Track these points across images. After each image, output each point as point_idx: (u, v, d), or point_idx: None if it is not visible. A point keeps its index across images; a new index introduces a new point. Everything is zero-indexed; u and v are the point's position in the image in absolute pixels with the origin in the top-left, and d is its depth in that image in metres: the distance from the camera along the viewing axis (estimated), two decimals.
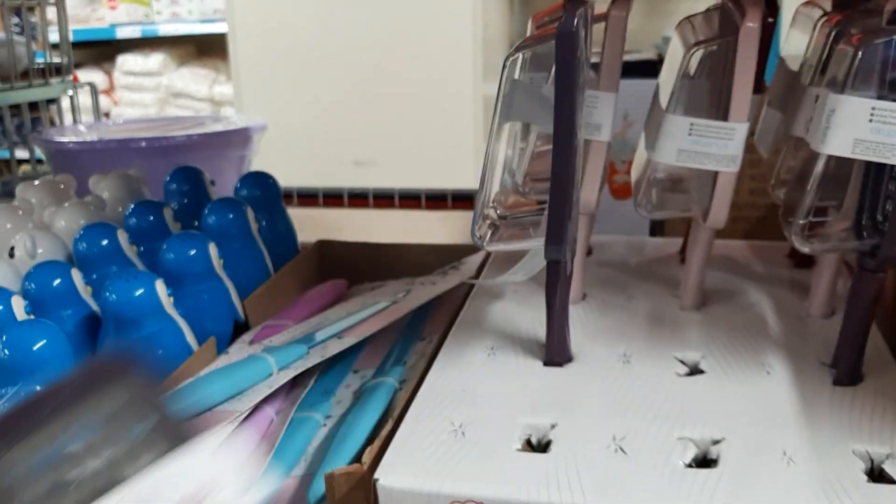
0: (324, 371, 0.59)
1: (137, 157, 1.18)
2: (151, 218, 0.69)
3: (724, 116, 0.47)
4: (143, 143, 1.20)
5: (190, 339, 0.57)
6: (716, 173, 0.48)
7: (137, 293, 0.53)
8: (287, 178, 1.60)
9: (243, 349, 0.60)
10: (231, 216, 0.67)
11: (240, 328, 0.64)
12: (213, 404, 0.49)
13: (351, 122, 1.95)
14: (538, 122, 0.46)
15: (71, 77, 1.54)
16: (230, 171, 1.30)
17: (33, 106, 1.38)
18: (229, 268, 0.65)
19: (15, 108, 1.39)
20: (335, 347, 0.55)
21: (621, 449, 0.39)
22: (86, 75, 2.71)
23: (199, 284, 0.61)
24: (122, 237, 0.63)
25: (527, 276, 0.50)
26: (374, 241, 0.78)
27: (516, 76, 0.43)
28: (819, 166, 0.42)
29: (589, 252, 0.65)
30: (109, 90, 2.84)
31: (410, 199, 1.58)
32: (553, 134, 0.38)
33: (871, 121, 0.39)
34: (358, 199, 1.44)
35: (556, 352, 0.47)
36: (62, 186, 0.79)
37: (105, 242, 0.63)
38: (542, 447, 0.41)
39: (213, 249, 0.61)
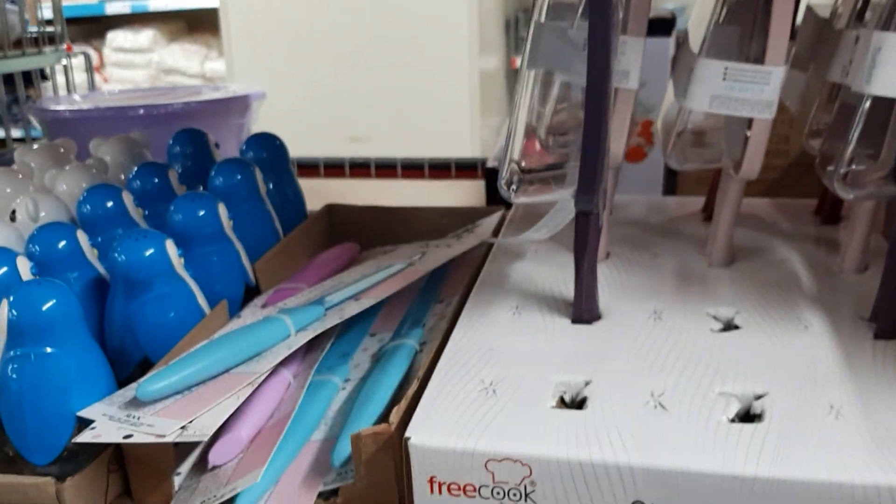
0: (340, 334, 0.58)
1: (135, 125, 1.15)
2: (156, 180, 0.67)
3: (756, 62, 0.45)
4: (141, 111, 1.17)
5: (202, 301, 0.55)
6: (750, 121, 0.46)
7: (147, 253, 0.51)
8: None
9: (256, 313, 0.58)
10: (239, 177, 0.65)
11: (251, 292, 0.63)
12: (230, 366, 0.48)
13: (346, 98, 1.93)
14: (564, 69, 0.44)
15: (65, 46, 1.51)
16: (229, 140, 1.28)
17: (27, 81, 1.36)
18: (238, 231, 0.63)
19: (9, 84, 1.36)
20: (353, 309, 0.53)
21: (661, 405, 0.38)
22: (74, 53, 2.66)
23: (208, 246, 0.59)
24: (128, 199, 0.61)
25: (550, 234, 0.48)
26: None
27: (540, 18, 0.41)
28: (863, 108, 0.40)
29: (611, 211, 0.63)
30: (100, 67, 2.80)
31: (413, 169, 1.55)
32: (587, 75, 0.36)
33: None
34: (359, 169, 1.42)
35: (584, 309, 0.45)
36: (62, 150, 0.77)
37: (110, 204, 0.61)
38: (578, 404, 0.39)
39: (222, 210, 0.59)
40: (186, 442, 0.43)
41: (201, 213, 0.58)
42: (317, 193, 1.25)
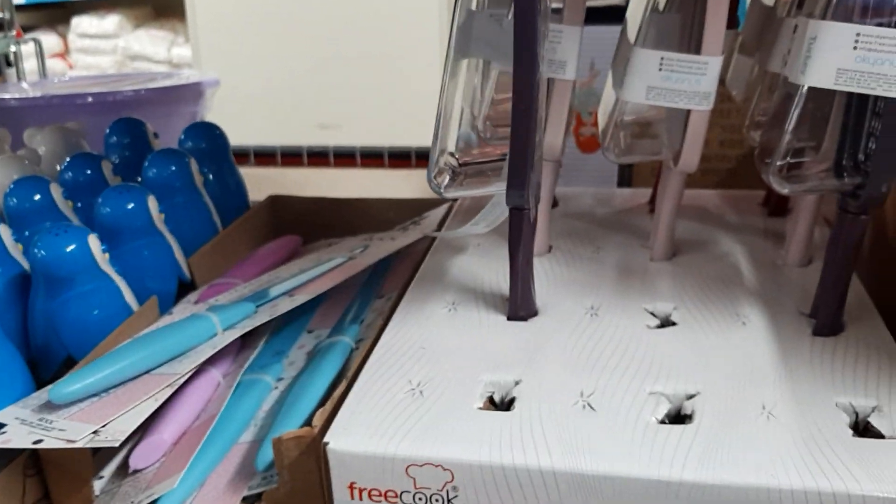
0: (276, 331, 0.56)
1: (83, 113, 1.12)
2: (89, 171, 0.65)
3: (697, 53, 0.44)
4: (90, 99, 1.15)
5: (129, 298, 0.53)
6: (687, 113, 0.45)
7: (68, 249, 0.49)
8: (244, 137, 1.54)
9: (188, 309, 0.56)
10: (173, 168, 0.63)
11: (185, 288, 0.61)
12: (151, 367, 0.46)
13: (313, 84, 1.89)
14: (498, 59, 0.42)
15: (14, 33, 1.47)
16: (181, 128, 1.25)
17: None
18: (173, 223, 0.61)
19: None
20: (286, 305, 0.52)
21: (589, 405, 0.36)
22: (40, 39, 2.61)
23: (138, 240, 0.57)
24: (56, 191, 0.59)
25: (489, 228, 0.46)
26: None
27: (473, 6, 0.39)
28: (799, 100, 0.39)
29: (555, 204, 0.62)
30: (65, 53, 2.74)
31: (372, 158, 1.53)
32: (513, 67, 0.35)
33: (855, 48, 0.36)
34: (318, 157, 1.39)
35: (520, 305, 0.44)
36: None
37: (38, 197, 0.58)
38: (506, 405, 0.38)
39: (152, 203, 0.57)
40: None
41: (130, 205, 0.56)
42: (273, 183, 1.22)
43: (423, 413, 0.37)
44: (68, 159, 0.65)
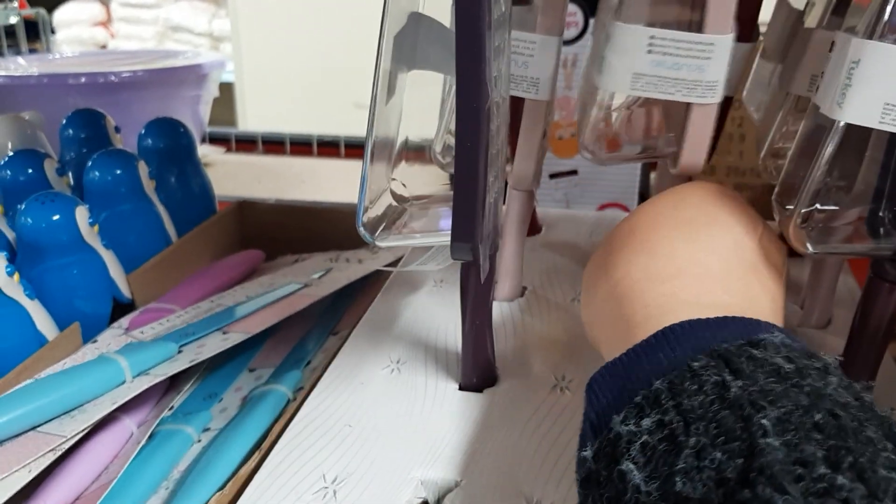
0: (212, 368, 0.49)
1: (75, 94, 1.06)
2: (30, 171, 0.58)
3: (698, 31, 0.35)
4: (83, 79, 1.08)
5: (43, 325, 0.46)
6: (687, 106, 0.36)
7: None
8: (278, 123, 1.47)
9: (117, 337, 0.49)
10: (118, 171, 0.56)
11: (125, 309, 0.54)
12: (39, 421, 0.39)
13: (353, 61, 1.82)
14: (452, 73, 0.34)
15: (16, 3, 1.42)
16: (183, 113, 1.19)
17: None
18: (117, 234, 0.54)
19: None
20: (215, 346, 0.44)
21: None
22: (81, 7, 2.59)
23: (65, 257, 0.50)
24: None
25: (442, 265, 0.39)
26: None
27: (420, 7, 0.31)
28: (832, 136, 0.31)
29: (539, 230, 0.53)
30: (107, 22, 2.70)
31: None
32: (456, 92, 0.27)
33: None
34: (357, 148, 1.29)
35: (472, 374, 0.36)
36: None
37: None
38: None
39: (81, 213, 0.49)
40: None
41: (55, 217, 0.49)
42: (311, 174, 1.15)
43: None
44: (7, 156, 0.58)
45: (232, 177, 1.19)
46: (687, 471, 0.19)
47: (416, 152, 0.37)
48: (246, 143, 1.33)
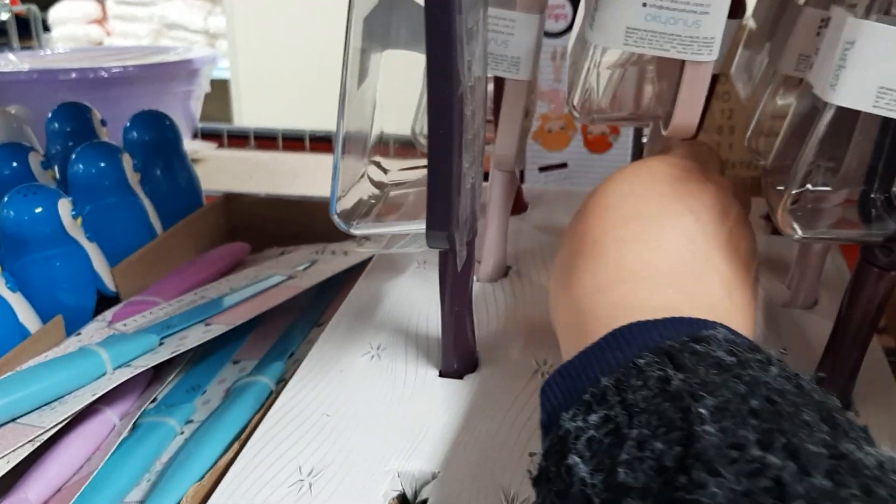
0: (196, 360, 0.48)
1: (65, 89, 1.06)
2: (15, 164, 0.58)
3: None
4: (74, 75, 1.08)
5: (25, 317, 0.46)
6: (682, 64, 0.35)
7: None
8: (274, 119, 1.47)
9: (100, 330, 0.49)
10: (102, 164, 0.55)
11: (109, 302, 0.53)
12: (18, 413, 0.38)
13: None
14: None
15: (8, 0, 1.41)
16: (174, 109, 1.18)
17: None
18: (101, 227, 0.54)
19: None
20: (197, 338, 0.44)
21: None
22: (76, 5, 2.58)
23: (48, 250, 0.49)
24: None
25: (424, 248, 0.38)
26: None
27: None
28: (824, 121, 0.30)
29: (525, 208, 0.53)
30: (102, 20, 2.70)
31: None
32: (427, 77, 0.27)
33: None
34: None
35: (452, 360, 0.36)
36: None
37: None
38: None
39: (64, 206, 0.49)
40: None
41: (37, 210, 0.49)
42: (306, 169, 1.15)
43: None
44: None
45: (224, 172, 1.18)
46: (629, 461, 0.19)
47: (395, 137, 0.36)
48: (238, 139, 1.32)
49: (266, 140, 1.30)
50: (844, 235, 0.34)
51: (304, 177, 1.13)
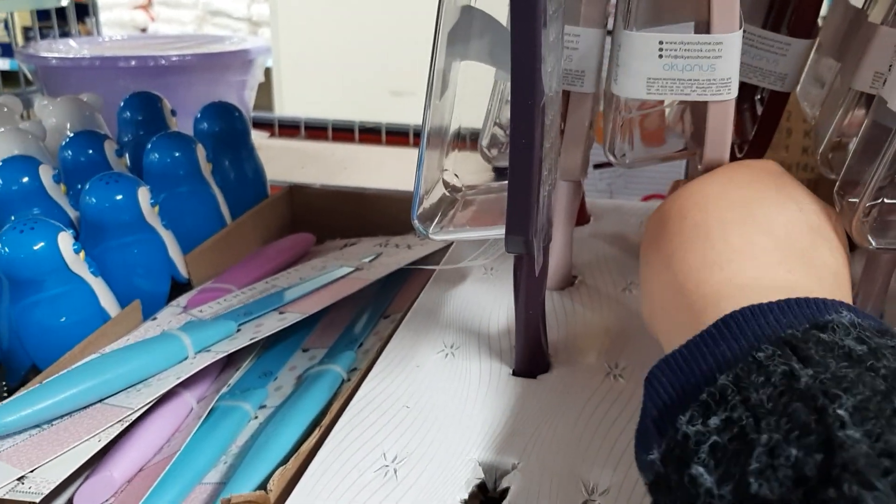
0: (267, 347, 0.50)
1: (125, 76, 1.09)
2: (91, 151, 0.60)
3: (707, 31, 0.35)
4: (133, 62, 1.10)
5: (106, 302, 0.48)
6: (704, 104, 0.36)
7: (35, 248, 0.44)
8: (314, 108, 1.49)
9: (175, 315, 0.51)
10: (177, 154, 0.57)
11: (182, 288, 0.55)
12: (106, 394, 0.40)
13: (391, 48, 1.83)
14: (501, 67, 0.35)
15: None
16: (229, 98, 1.20)
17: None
18: (174, 215, 0.56)
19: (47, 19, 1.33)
20: (272, 325, 0.46)
21: None
22: None
23: (126, 237, 0.51)
24: (46, 174, 0.54)
25: (489, 259, 0.39)
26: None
27: (473, 2, 0.32)
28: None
29: (587, 220, 0.54)
30: (147, 6, 2.74)
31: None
32: (511, 89, 0.27)
33: None
34: (398, 135, 1.30)
35: (526, 360, 0.37)
36: (5, 110, 0.69)
37: (25, 180, 0.53)
38: (498, 498, 0.31)
39: (143, 194, 0.51)
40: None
41: (118, 197, 0.50)
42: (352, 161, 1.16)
43: (393, 503, 0.30)
44: (68, 137, 0.60)
45: (276, 161, 1.20)
46: (761, 470, 0.18)
47: (469, 142, 0.37)
48: (288, 129, 1.34)
49: (315, 130, 1.32)
50: None
51: (354, 167, 1.15)
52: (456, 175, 0.37)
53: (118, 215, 0.50)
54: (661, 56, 0.32)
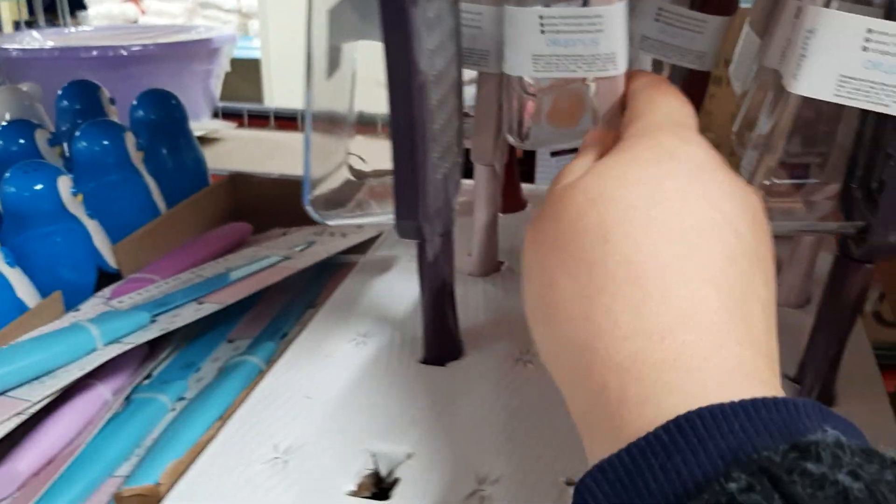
0: (192, 338, 0.49)
1: (87, 67, 1.07)
2: (22, 141, 0.58)
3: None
4: (94, 53, 1.09)
5: (24, 293, 0.47)
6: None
7: None
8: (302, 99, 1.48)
9: (100, 306, 0.49)
10: (105, 142, 0.56)
11: (111, 279, 0.54)
12: (8, 386, 0.39)
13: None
14: None
15: None
16: (194, 87, 1.19)
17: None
18: (104, 204, 0.54)
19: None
20: (187, 317, 0.44)
21: (486, 499, 0.28)
22: None
23: (48, 226, 0.50)
24: None
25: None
26: None
27: None
28: (787, 112, 0.30)
29: (523, 206, 0.53)
30: None
31: None
32: (386, 64, 0.26)
33: (865, 49, 0.26)
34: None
35: (433, 347, 0.36)
36: None
37: None
38: (385, 490, 0.30)
39: (64, 183, 0.50)
40: None
41: (37, 187, 0.49)
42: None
43: (278, 494, 0.29)
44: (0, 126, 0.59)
45: (242, 152, 1.18)
46: None
47: (381, 127, 0.36)
48: (260, 119, 1.32)
49: (287, 121, 1.30)
50: (821, 227, 0.34)
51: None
52: (362, 159, 0.36)
53: (37, 204, 0.49)
54: (542, 31, 0.31)
